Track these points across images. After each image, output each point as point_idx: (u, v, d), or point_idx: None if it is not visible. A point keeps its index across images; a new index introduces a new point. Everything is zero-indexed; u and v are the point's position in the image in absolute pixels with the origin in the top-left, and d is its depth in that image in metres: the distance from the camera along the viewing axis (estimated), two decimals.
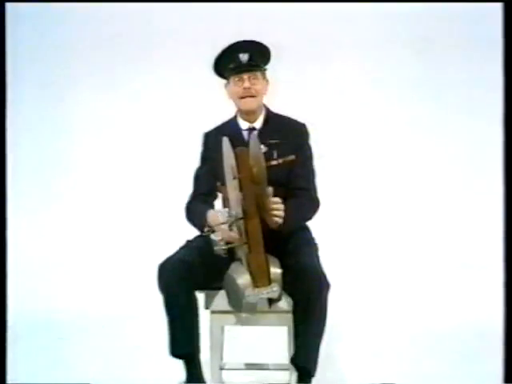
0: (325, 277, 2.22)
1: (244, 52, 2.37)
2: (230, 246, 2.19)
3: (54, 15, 3.93)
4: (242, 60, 2.37)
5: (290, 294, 2.26)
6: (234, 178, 2.11)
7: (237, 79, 2.40)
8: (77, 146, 4.05)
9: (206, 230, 2.21)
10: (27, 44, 3.92)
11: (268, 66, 2.46)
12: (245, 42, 2.40)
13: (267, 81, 2.47)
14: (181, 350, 2.28)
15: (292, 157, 2.29)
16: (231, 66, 2.39)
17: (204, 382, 2.33)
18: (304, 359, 2.26)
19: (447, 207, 3.94)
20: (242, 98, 2.41)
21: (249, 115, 2.45)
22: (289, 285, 2.21)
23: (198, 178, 2.50)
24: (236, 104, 2.46)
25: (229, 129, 2.44)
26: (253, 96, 2.40)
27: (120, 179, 4.03)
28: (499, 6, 2.20)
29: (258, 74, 2.41)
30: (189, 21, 3.89)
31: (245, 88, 2.39)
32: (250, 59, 2.38)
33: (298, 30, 3.90)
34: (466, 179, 3.96)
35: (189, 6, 3.73)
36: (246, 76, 2.38)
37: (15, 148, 2.72)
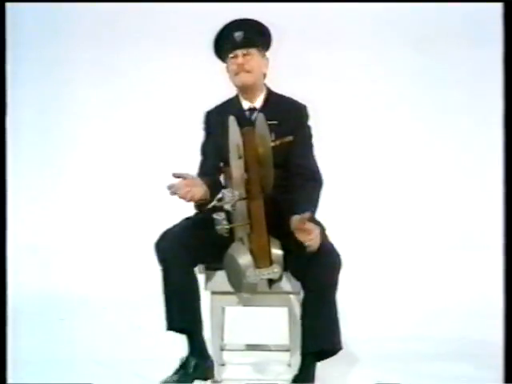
0: (340, 258, 2.23)
1: (239, 30, 2.38)
2: (232, 225, 2.19)
3: (54, 15, 3.93)
4: (236, 38, 2.37)
5: (301, 276, 2.24)
6: (240, 158, 2.11)
7: (232, 56, 2.40)
8: (78, 126, 4.05)
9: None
10: (27, 44, 3.90)
11: (269, 54, 2.45)
12: (240, 20, 2.41)
13: (266, 59, 2.46)
14: (176, 325, 2.27)
15: (290, 138, 2.32)
16: (227, 45, 2.40)
17: (207, 357, 2.32)
18: (324, 341, 2.22)
19: (447, 191, 3.96)
20: (237, 73, 2.40)
21: (248, 93, 2.43)
22: (300, 267, 2.20)
23: (204, 154, 2.47)
24: (233, 82, 2.44)
25: (230, 108, 2.41)
26: (247, 71, 2.39)
27: (120, 161, 4.03)
28: (499, 6, 2.21)
29: (253, 50, 2.40)
30: (187, 7, 3.87)
31: (239, 64, 2.38)
32: (245, 37, 2.38)
33: (300, 19, 3.89)
34: (466, 163, 3.98)
35: None
36: (240, 53, 2.38)
37: (15, 130, 2.71)
